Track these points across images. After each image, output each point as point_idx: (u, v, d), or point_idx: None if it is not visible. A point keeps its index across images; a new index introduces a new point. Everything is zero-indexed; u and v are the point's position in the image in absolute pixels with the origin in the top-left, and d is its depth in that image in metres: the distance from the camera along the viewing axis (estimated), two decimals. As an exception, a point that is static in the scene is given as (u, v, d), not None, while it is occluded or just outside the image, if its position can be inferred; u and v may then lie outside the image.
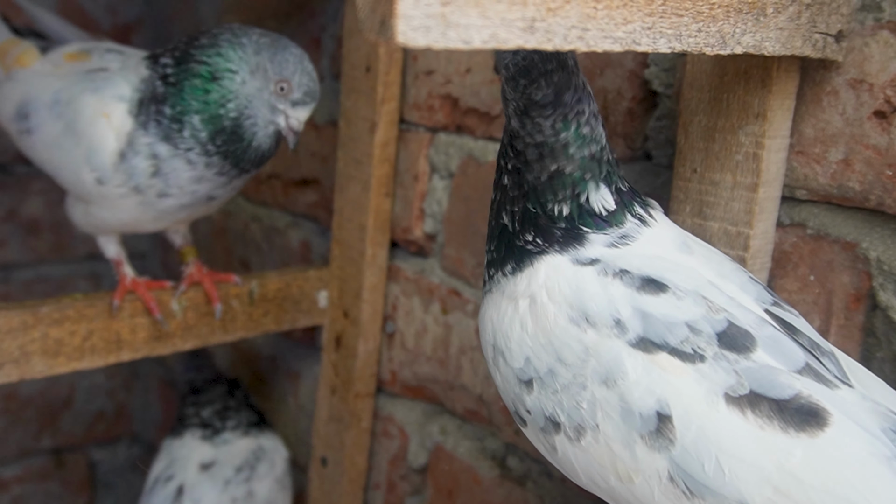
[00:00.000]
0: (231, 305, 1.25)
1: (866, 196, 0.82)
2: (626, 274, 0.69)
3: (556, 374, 0.68)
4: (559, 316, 0.69)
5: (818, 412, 0.61)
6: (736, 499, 0.61)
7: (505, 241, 0.75)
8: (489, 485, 1.21)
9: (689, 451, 0.62)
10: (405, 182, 1.29)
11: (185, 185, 1.07)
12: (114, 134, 1.05)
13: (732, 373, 0.63)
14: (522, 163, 0.73)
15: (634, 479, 0.65)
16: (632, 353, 0.65)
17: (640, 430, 0.64)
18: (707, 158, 0.87)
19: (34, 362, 1.11)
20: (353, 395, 1.34)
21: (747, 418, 0.62)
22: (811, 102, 0.85)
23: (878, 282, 0.82)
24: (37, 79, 1.14)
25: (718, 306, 0.67)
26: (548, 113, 0.71)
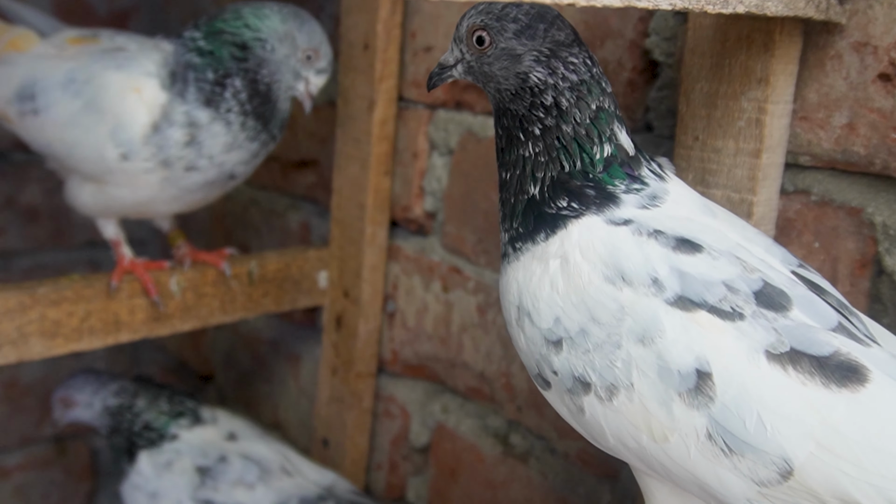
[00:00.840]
0: (230, 286, 1.25)
1: (871, 160, 0.81)
2: (660, 234, 0.68)
3: (589, 333, 0.67)
4: (593, 275, 0.67)
5: (858, 368, 0.62)
6: (778, 454, 0.61)
7: (534, 213, 0.73)
8: (492, 462, 1.20)
9: (729, 408, 0.62)
10: (404, 160, 1.28)
11: (215, 155, 1.10)
12: (145, 108, 1.07)
13: (772, 330, 0.63)
14: (558, 115, 0.71)
15: (669, 437, 0.64)
16: (670, 311, 0.65)
17: (677, 387, 0.63)
18: (709, 125, 0.86)
19: (32, 343, 1.10)
20: (354, 376, 1.34)
21: (789, 375, 0.62)
22: (814, 67, 0.84)
23: (883, 246, 0.81)
24: (41, 61, 1.14)
25: (752, 266, 0.67)
26: (575, 50, 0.71)
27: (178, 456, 1.27)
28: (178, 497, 1.23)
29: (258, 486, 1.24)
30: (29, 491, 1.91)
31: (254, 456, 1.28)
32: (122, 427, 1.32)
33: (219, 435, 1.32)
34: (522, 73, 0.72)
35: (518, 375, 1.15)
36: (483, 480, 1.22)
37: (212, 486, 1.24)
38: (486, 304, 1.18)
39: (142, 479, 1.26)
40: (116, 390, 1.35)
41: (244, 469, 1.25)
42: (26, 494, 1.91)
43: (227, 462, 1.26)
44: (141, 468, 1.27)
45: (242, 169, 1.14)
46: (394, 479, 1.37)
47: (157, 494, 1.25)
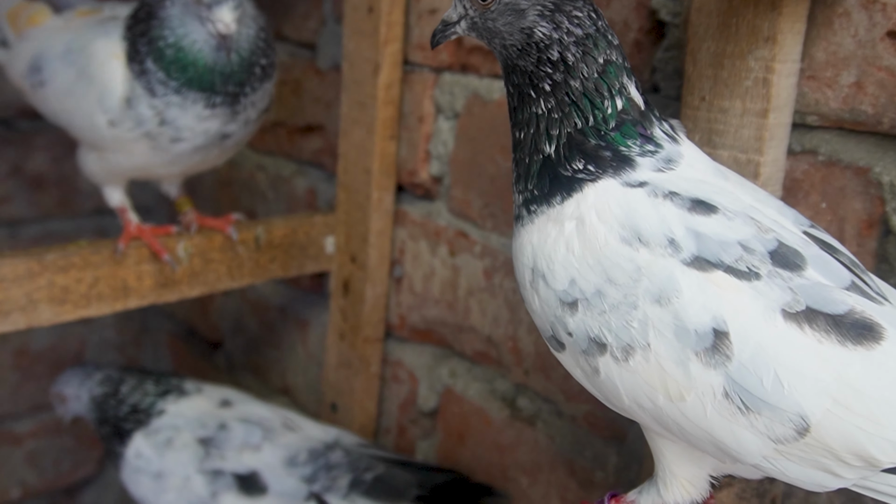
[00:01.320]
0: (238, 251, 1.25)
1: (879, 119, 0.80)
2: (675, 196, 0.68)
3: (605, 294, 0.67)
4: (610, 236, 0.67)
5: (873, 326, 0.62)
6: (795, 411, 0.62)
7: (549, 174, 0.72)
8: (499, 426, 1.21)
9: (746, 367, 0.62)
10: (410, 124, 1.27)
11: (194, 126, 1.08)
12: (121, 77, 1.07)
13: (788, 290, 0.63)
14: (565, 70, 0.70)
15: (686, 396, 0.65)
16: (686, 271, 0.65)
17: (694, 347, 0.63)
18: (716, 85, 0.86)
19: (41, 310, 1.10)
20: (362, 341, 1.34)
21: (805, 333, 0.62)
22: (822, 25, 0.83)
23: (891, 206, 0.81)
24: (49, 33, 1.17)
25: (766, 227, 0.67)
26: (579, 4, 0.70)
27: (177, 432, 1.26)
28: (185, 473, 1.23)
29: (264, 446, 1.24)
30: (40, 457, 1.93)
31: (253, 417, 1.28)
32: (108, 416, 1.31)
33: (211, 404, 1.32)
34: (527, 28, 0.71)
35: (525, 339, 1.15)
36: (491, 444, 1.23)
37: (218, 455, 1.23)
38: (493, 269, 1.18)
39: (143, 462, 1.25)
40: (101, 379, 1.34)
41: (247, 432, 1.25)
42: (38, 461, 1.93)
43: (227, 429, 1.26)
44: (140, 450, 1.26)
45: (234, 128, 1.12)
46: (402, 442, 1.37)
47: (161, 474, 1.24)
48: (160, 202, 1.93)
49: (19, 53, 1.19)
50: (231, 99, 1.08)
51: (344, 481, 1.20)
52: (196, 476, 1.22)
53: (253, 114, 1.14)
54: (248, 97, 1.10)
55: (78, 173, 1.84)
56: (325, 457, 1.23)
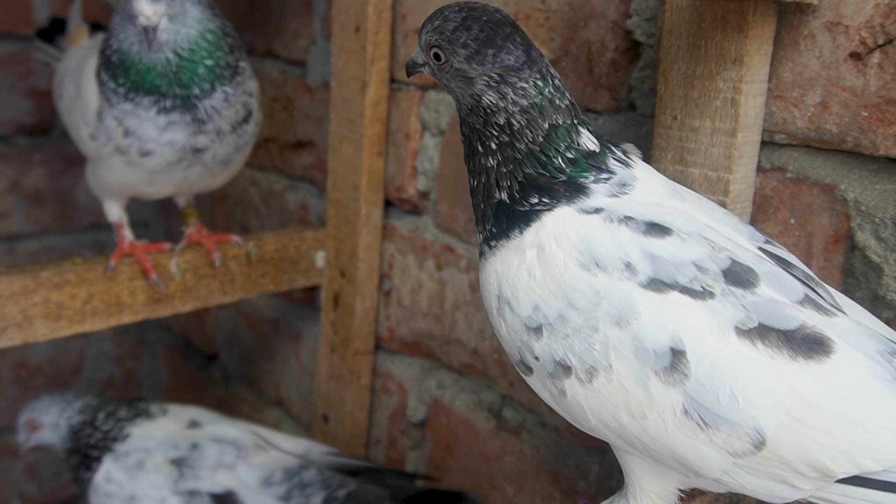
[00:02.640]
0: (229, 267, 1.27)
1: (843, 138, 0.83)
2: (630, 220, 0.70)
3: (567, 318, 0.69)
4: (569, 262, 0.70)
5: (823, 340, 0.65)
6: (751, 426, 0.64)
7: (505, 213, 0.74)
8: (486, 436, 1.23)
9: (703, 384, 0.65)
10: (397, 141, 1.30)
11: (157, 137, 1.08)
12: (95, 90, 1.11)
13: (741, 307, 0.66)
14: (510, 134, 0.73)
15: (648, 415, 0.67)
16: (643, 293, 0.67)
17: (654, 366, 0.66)
18: (687, 105, 0.88)
19: (36, 326, 1.13)
20: (352, 353, 1.36)
21: (758, 349, 0.64)
22: (788, 46, 0.85)
23: (856, 222, 0.83)
24: (75, 52, 1.25)
25: (720, 246, 0.69)
26: (525, 74, 0.72)
27: (148, 454, 1.25)
28: (160, 495, 1.21)
29: (239, 465, 1.23)
30: (40, 470, 1.95)
31: (225, 437, 1.27)
32: (80, 444, 1.29)
33: (180, 425, 1.30)
34: (476, 95, 0.73)
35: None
36: (478, 454, 1.25)
37: (192, 476, 1.22)
38: (478, 282, 1.21)
39: (114, 486, 1.23)
40: (81, 408, 1.33)
41: (220, 451, 1.24)
42: (37, 473, 1.95)
43: (200, 448, 1.25)
44: (111, 474, 1.24)
45: (205, 140, 1.10)
46: (392, 453, 1.40)
47: (134, 497, 1.22)
48: (157, 216, 1.96)
49: (58, 70, 1.28)
50: (182, 103, 1.07)
51: (318, 499, 1.21)
52: (171, 498, 1.21)
53: (224, 124, 1.11)
54: (203, 101, 1.08)
55: (75, 189, 1.88)
56: (298, 476, 1.23)
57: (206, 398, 1.89)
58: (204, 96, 1.08)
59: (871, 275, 0.82)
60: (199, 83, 1.07)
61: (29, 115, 1.79)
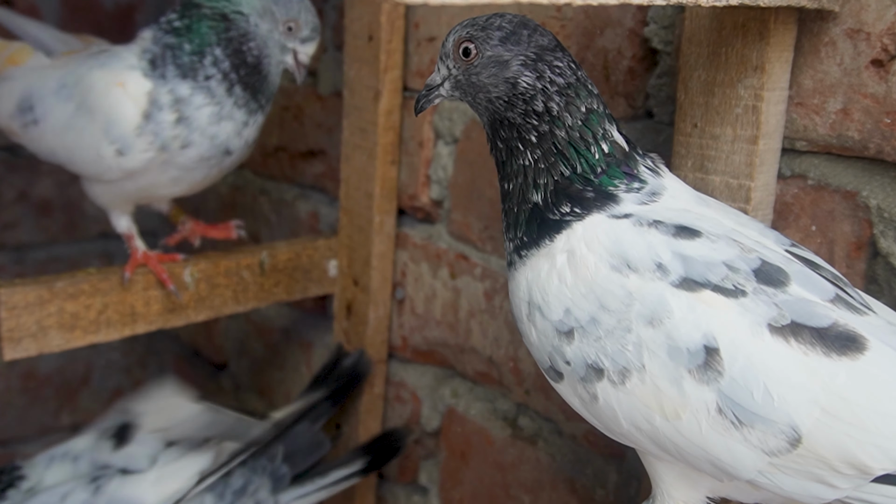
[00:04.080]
0: (242, 276, 1.27)
1: (865, 145, 0.83)
2: (660, 224, 0.71)
3: (599, 321, 0.69)
4: (600, 265, 0.70)
5: (856, 337, 0.65)
6: (786, 423, 0.64)
7: (538, 220, 0.75)
8: (501, 445, 1.23)
9: (737, 381, 0.65)
10: (410, 149, 1.30)
11: (205, 128, 1.10)
12: (132, 100, 1.08)
13: (773, 305, 0.66)
14: (550, 121, 0.73)
15: (682, 414, 0.67)
16: (676, 292, 0.67)
17: (687, 364, 0.66)
18: (707, 113, 0.88)
19: (51, 336, 1.13)
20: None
21: (791, 346, 0.65)
22: (809, 54, 0.85)
23: (878, 229, 0.83)
24: (36, 72, 1.17)
25: (749, 247, 0.70)
26: (559, 54, 0.74)
27: None
28: None
29: None
30: (49, 479, 1.95)
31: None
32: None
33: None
34: (511, 79, 0.74)
35: (525, 360, 1.18)
36: (493, 463, 1.25)
37: None
38: (493, 290, 1.20)
39: None
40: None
41: None
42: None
43: None
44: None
45: (236, 142, 1.14)
46: (406, 463, 1.39)
47: None
48: (163, 226, 1.96)
49: (3, 93, 1.17)
50: (256, 108, 1.14)
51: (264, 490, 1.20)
52: None
53: (252, 133, 1.16)
54: (259, 115, 1.16)
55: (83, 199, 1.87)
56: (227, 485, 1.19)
57: (215, 408, 1.89)
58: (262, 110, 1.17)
59: (895, 281, 0.82)
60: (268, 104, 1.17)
61: (37, 125, 1.79)
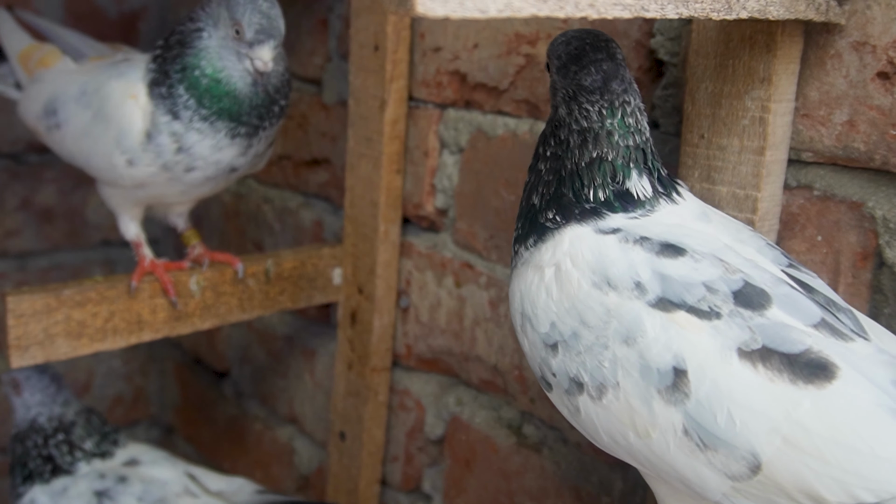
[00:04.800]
0: (248, 284, 1.28)
1: (871, 156, 0.83)
2: (646, 240, 0.72)
3: (580, 336, 0.71)
4: (583, 281, 0.72)
5: (827, 365, 0.64)
6: (747, 449, 0.64)
7: (530, 219, 0.79)
8: (506, 453, 1.23)
9: (702, 404, 0.65)
10: (415, 158, 1.31)
11: (207, 156, 1.11)
12: (141, 114, 1.09)
13: (746, 329, 0.66)
14: (563, 150, 0.77)
15: (652, 433, 0.68)
16: (651, 312, 0.68)
17: (657, 385, 0.66)
18: (714, 124, 0.89)
19: (58, 344, 1.13)
20: (370, 370, 1.37)
21: (758, 371, 0.64)
22: (815, 66, 0.86)
23: (884, 239, 0.84)
24: (62, 76, 1.19)
25: (735, 267, 0.70)
26: (595, 98, 0.75)
27: (74, 481, 1.26)
28: None
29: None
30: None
31: (155, 479, 1.27)
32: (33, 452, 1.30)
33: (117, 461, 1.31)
34: (555, 105, 0.79)
35: (530, 368, 1.18)
36: (497, 471, 1.25)
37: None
38: (498, 299, 1.21)
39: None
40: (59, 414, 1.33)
41: (144, 492, 1.24)
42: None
43: (126, 482, 1.25)
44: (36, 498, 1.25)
45: (242, 160, 1.14)
46: (410, 470, 1.40)
47: None
48: (167, 234, 1.96)
49: (32, 95, 1.22)
50: (252, 131, 1.11)
51: None
52: None
53: (261, 148, 1.17)
54: (266, 131, 1.13)
55: (86, 206, 1.89)
56: None
57: (216, 415, 1.89)
58: (269, 128, 1.13)
59: (900, 291, 0.83)
60: (271, 118, 1.13)
61: (40, 133, 1.79)
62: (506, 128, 1.18)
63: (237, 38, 1.05)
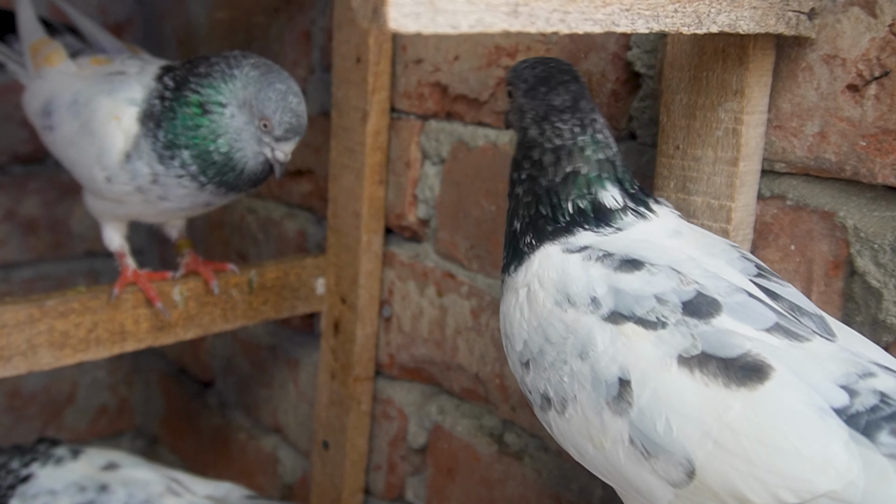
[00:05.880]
0: (231, 294, 1.28)
1: (842, 166, 0.85)
2: (608, 256, 0.74)
3: (545, 353, 0.73)
4: (547, 300, 0.74)
5: (761, 367, 0.64)
6: (682, 455, 0.64)
7: (512, 246, 0.81)
8: (488, 461, 1.24)
9: (644, 413, 0.66)
10: (398, 169, 1.32)
11: (182, 197, 1.12)
12: (122, 135, 1.10)
13: (689, 336, 0.67)
14: (538, 169, 0.79)
15: (605, 444, 0.69)
16: (603, 325, 0.70)
17: (605, 396, 0.68)
18: (689, 135, 0.90)
19: (41, 354, 1.13)
20: (353, 380, 1.37)
21: (695, 377, 0.65)
22: (787, 78, 0.88)
23: (855, 248, 0.85)
24: (61, 78, 1.20)
25: (690, 279, 0.71)
26: (566, 117, 0.79)
27: (53, 497, 1.22)
28: None
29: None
30: None
31: (138, 481, 1.26)
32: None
33: (93, 468, 1.28)
34: (524, 128, 0.81)
35: (511, 377, 1.19)
36: (479, 479, 1.26)
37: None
38: (480, 308, 1.22)
39: None
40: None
41: (128, 496, 1.23)
42: None
43: (108, 490, 1.23)
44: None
45: (219, 200, 1.15)
46: (393, 479, 1.41)
47: None
48: (151, 243, 1.97)
49: (34, 91, 1.23)
50: (228, 192, 1.13)
51: None
52: None
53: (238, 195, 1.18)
54: (242, 192, 1.15)
55: (70, 217, 1.89)
56: None
57: (201, 425, 1.89)
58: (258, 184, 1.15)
59: (871, 300, 0.84)
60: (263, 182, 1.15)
61: (24, 144, 1.80)
62: (486, 139, 1.19)
63: (263, 130, 1.07)
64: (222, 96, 1.07)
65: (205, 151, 1.07)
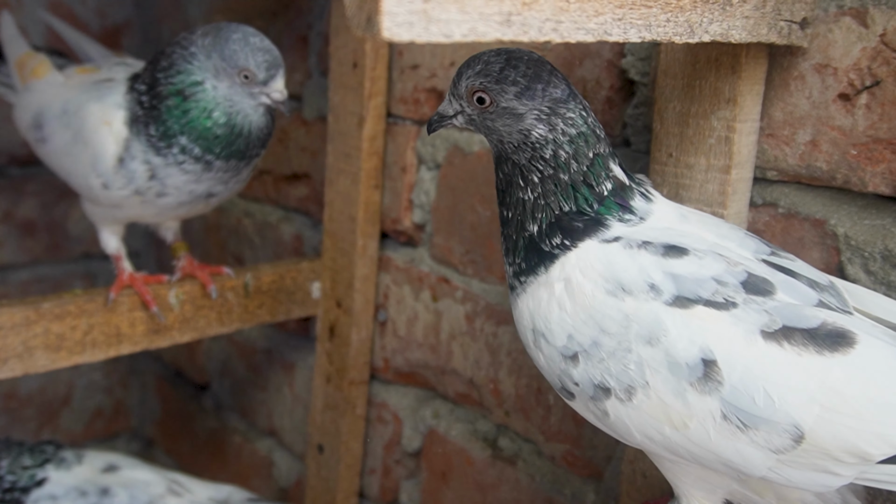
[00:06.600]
0: (227, 298, 1.29)
1: (833, 175, 0.86)
2: (648, 245, 0.74)
3: (601, 344, 0.73)
4: (596, 291, 0.74)
5: (845, 334, 0.69)
6: (788, 422, 0.67)
7: (534, 250, 0.78)
8: (482, 465, 1.25)
9: (738, 388, 0.68)
10: (393, 174, 1.32)
11: (181, 186, 1.12)
12: (114, 140, 1.10)
13: (763, 312, 0.69)
14: (555, 166, 0.76)
15: (689, 424, 0.70)
16: (669, 311, 0.71)
17: (688, 378, 0.69)
18: (682, 143, 0.91)
19: (37, 357, 1.14)
20: (348, 383, 1.38)
21: (785, 349, 0.68)
22: (779, 87, 0.89)
23: (846, 256, 0.86)
24: (49, 89, 1.20)
25: (735, 261, 0.73)
26: (571, 105, 0.76)
27: (55, 502, 1.22)
28: None
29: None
30: None
31: (138, 482, 1.26)
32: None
33: (94, 470, 1.27)
34: (525, 130, 0.76)
35: (505, 381, 1.20)
36: (473, 483, 1.26)
37: None
38: (474, 313, 1.23)
39: None
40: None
41: (130, 498, 1.23)
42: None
43: (110, 494, 1.23)
44: None
45: (221, 188, 1.15)
46: (387, 482, 1.41)
47: None
48: (148, 246, 1.97)
49: (23, 105, 1.23)
50: (248, 162, 1.14)
51: None
52: None
53: (244, 176, 1.18)
54: (252, 159, 1.15)
55: (67, 219, 1.89)
56: None
57: (196, 428, 1.90)
58: (255, 157, 1.16)
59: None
60: (259, 149, 1.15)
61: (22, 147, 1.79)
62: (481, 144, 1.20)
63: (247, 82, 1.07)
64: (194, 76, 1.07)
65: (204, 130, 1.08)
